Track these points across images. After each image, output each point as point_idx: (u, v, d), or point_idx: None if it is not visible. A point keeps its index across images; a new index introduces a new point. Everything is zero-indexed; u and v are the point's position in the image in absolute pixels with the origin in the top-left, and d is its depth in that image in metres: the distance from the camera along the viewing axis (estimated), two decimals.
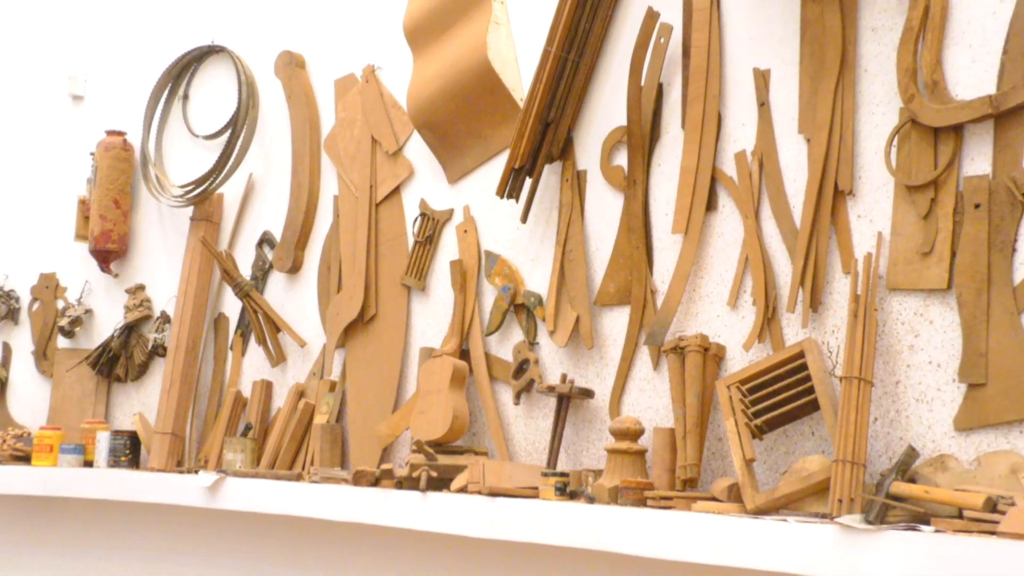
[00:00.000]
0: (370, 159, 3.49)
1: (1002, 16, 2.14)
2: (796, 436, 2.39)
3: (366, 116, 3.52)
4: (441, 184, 3.31)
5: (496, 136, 3.13)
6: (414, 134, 3.37)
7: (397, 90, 3.45)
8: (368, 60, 3.56)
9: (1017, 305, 2.07)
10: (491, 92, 3.09)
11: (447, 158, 3.28)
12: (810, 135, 2.42)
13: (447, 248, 3.27)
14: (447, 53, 3.20)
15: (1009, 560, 1.71)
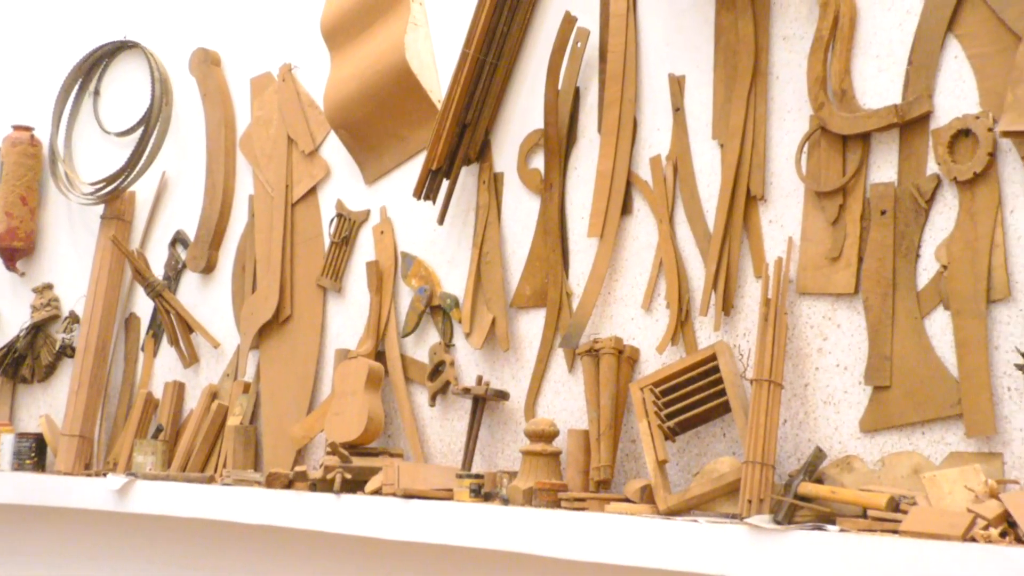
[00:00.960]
0: (286, 159, 3.46)
1: (907, 28, 2.19)
2: (708, 438, 2.42)
3: (282, 115, 3.49)
4: (358, 185, 3.30)
5: (413, 137, 3.13)
6: (331, 134, 3.35)
7: (314, 89, 3.43)
8: (285, 59, 3.53)
9: (921, 309, 2.12)
10: (409, 93, 3.08)
11: (364, 159, 3.26)
12: (723, 141, 2.46)
13: (363, 249, 3.25)
14: (365, 53, 3.19)
15: (910, 558, 1.75)
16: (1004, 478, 1.94)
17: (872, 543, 1.81)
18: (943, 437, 2.06)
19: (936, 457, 2.06)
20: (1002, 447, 1.98)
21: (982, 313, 2.02)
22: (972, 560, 1.68)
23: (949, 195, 2.10)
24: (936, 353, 2.09)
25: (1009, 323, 2.00)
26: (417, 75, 3.06)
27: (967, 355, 2.03)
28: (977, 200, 2.05)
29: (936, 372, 2.07)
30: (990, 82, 2.06)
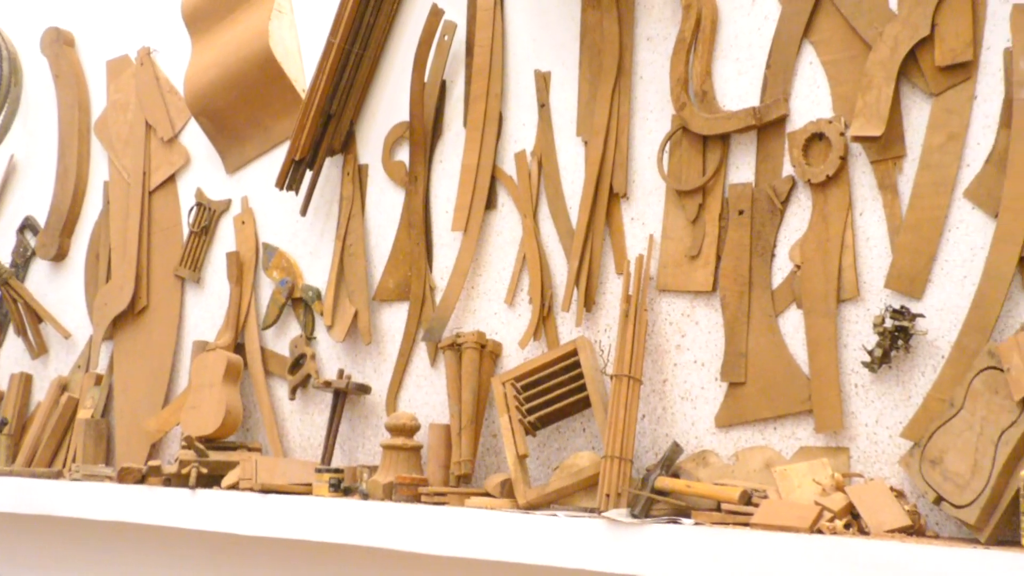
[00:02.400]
0: (144, 145, 3.36)
1: (766, 32, 2.25)
2: (568, 433, 2.44)
3: (140, 100, 3.39)
4: (219, 173, 3.22)
5: (277, 127, 3.07)
6: (191, 121, 3.27)
7: (174, 75, 3.34)
8: (143, 42, 3.43)
9: (775, 308, 2.17)
10: (272, 82, 3.03)
11: (225, 147, 3.19)
12: (587, 138, 2.48)
13: (224, 239, 3.18)
14: (227, 39, 3.11)
15: (760, 550, 1.79)
16: (850, 472, 2.01)
17: (724, 536, 1.85)
18: (794, 432, 2.12)
19: (787, 451, 2.12)
20: (849, 442, 2.04)
21: (832, 312, 2.08)
22: (818, 551, 1.73)
23: (803, 197, 2.16)
24: (789, 351, 2.14)
25: (857, 322, 2.06)
26: (281, 63, 3.01)
27: (817, 353, 2.09)
28: (829, 202, 2.11)
29: (788, 369, 2.13)
30: (843, 87, 2.12)
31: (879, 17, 2.08)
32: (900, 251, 2.02)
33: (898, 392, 2.00)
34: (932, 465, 1.85)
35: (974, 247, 1.94)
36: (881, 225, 2.06)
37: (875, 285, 2.05)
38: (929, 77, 2.02)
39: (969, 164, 1.97)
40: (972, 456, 1.78)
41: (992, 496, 1.74)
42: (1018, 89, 1.89)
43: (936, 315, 1.97)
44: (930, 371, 1.96)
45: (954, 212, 1.97)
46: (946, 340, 1.95)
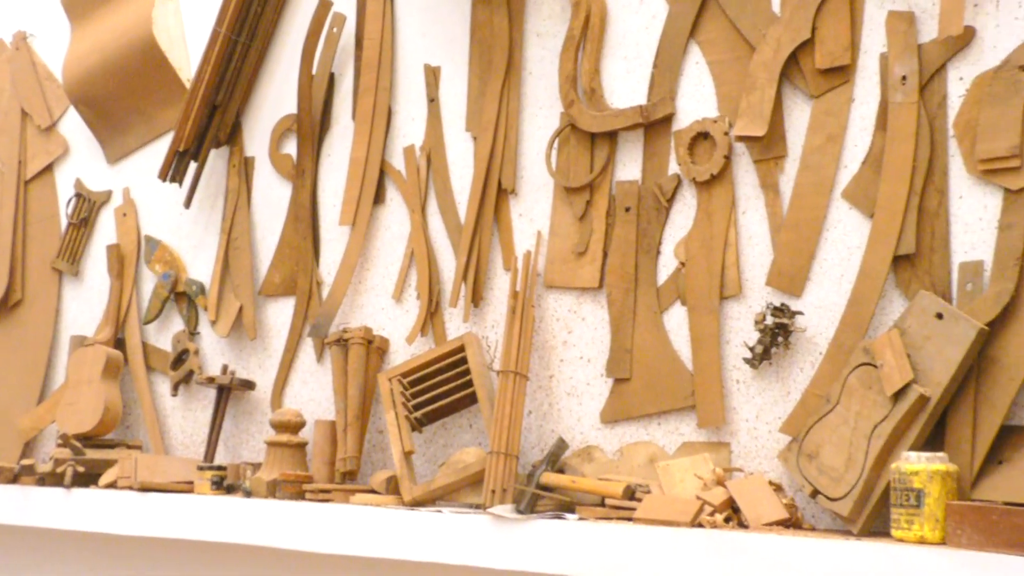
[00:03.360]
0: (19, 133, 3.26)
1: (654, 31, 2.27)
2: (455, 429, 2.43)
3: (15, 86, 3.28)
4: (99, 164, 3.14)
5: (160, 116, 3.00)
6: (70, 109, 3.18)
7: (52, 61, 3.24)
8: (19, 26, 3.32)
9: (660, 304, 2.19)
10: (156, 70, 2.96)
11: (106, 136, 3.11)
12: (477, 133, 2.47)
13: (104, 231, 3.10)
14: (109, 25, 3.03)
15: (643, 544, 1.81)
16: (730, 466, 2.04)
17: (608, 531, 1.86)
18: (677, 428, 2.14)
19: (670, 447, 2.14)
20: (730, 437, 2.08)
21: (715, 309, 2.11)
22: (698, 544, 1.76)
23: (688, 195, 2.19)
24: (673, 347, 2.17)
25: (739, 319, 2.10)
26: (165, 52, 2.94)
27: (701, 349, 2.11)
28: (713, 200, 2.14)
29: (672, 365, 2.16)
30: (727, 88, 2.16)
31: (763, 19, 2.11)
32: (781, 249, 2.05)
33: (778, 388, 2.04)
34: (809, 459, 1.88)
35: (851, 246, 1.99)
36: (763, 224, 2.10)
37: (757, 283, 2.09)
38: (810, 79, 2.06)
39: (847, 165, 2.01)
40: (847, 450, 1.83)
41: (865, 489, 1.79)
42: (893, 93, 1.94)
43: (814, 312, 2.01)
44: (808, 367, 2.00)
45: (832, 212, 2.02)
46: (824, 337, 1.99)
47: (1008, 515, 1.49)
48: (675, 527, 1.82)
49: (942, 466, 1.66)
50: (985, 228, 1.85)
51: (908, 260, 1.91)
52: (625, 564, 1.83)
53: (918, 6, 1.96)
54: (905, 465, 1.68)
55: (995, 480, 1.74)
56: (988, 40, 1.88)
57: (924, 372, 1.78)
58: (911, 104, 1.92)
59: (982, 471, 1.76)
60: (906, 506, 1.66)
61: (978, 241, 1.85)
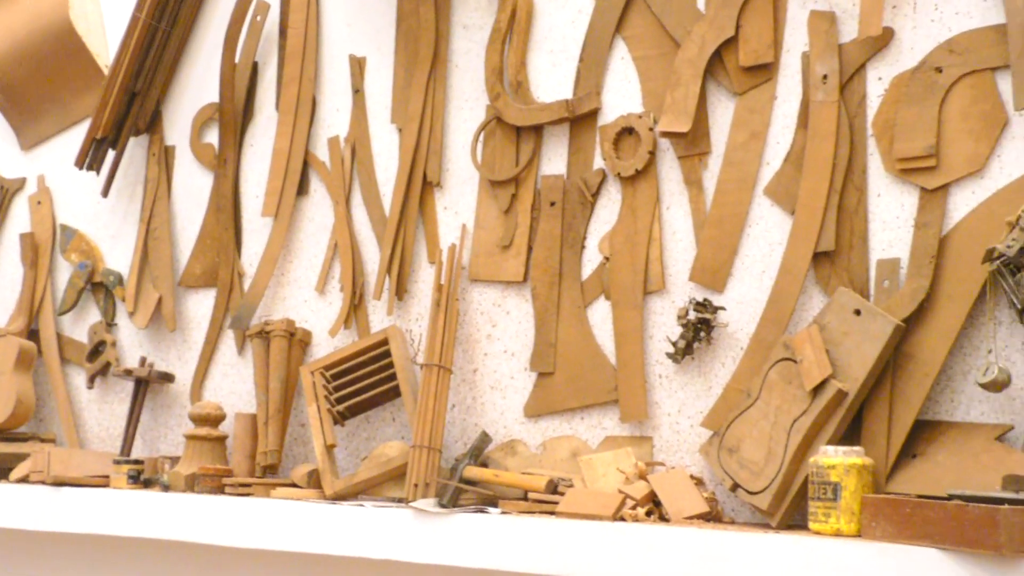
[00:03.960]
0: None
1: (580, 26, 2.27)
2: (378, 422, 2.42)
3: None
4: (13, 150, 3.06)
5: (77, 103, 2.94)
6: None
7: None
8: None
9: (584, 299, 2.20)
10: (73, 55, 2.89)
11: (20, 122, 3.03)
12: (402, 125, 2.46)
13: (17, 219, 3.02)
14: (23, 8, 2.95)
15: (565, 538, 1.82)
16: (652, 460, 2.05)
17: (530, 524, 1.86)
18: (600, 422, 2.15)
19: (593, 441, 2.15)
20: (652, 431, 2.09)
21: (639, 304, 2.12)
22: (620, 538, 1.77)
23: (613, 190, 2.20)
24: (596, 341, 2.17)
25: (663, 314, 2.11)
26: (83, 36, 2.87)
27: (624, 344, 2.13)
28: (638, 196, 2.15)
29: (596, 360, 2.16)
30: (652, 83, 2.17)
31: (688, 16, 2.13)
32: (704, 245, 2.07)
33: (700, 383, 2.05)
34: (729, 453, 1.90)
35: (772, 243, 2.01)
36: (687, 219, 2.11)
37: (680, 278, 2.10)
38: (733, 77, 2.08)
39: (769, 162, 2.03)
40: (766, 444, 1.85)
41: (784, 483, 1.81)
42: (814, 92, 1.97)
43: (736, 308, 2.03)
44: (730, 362, 2.03)
45: (754, 208, 2.04)
46: (745, 332, 2.01)
47: (920, 508, 1.52)
48: (597, 521, 1.83)
49: (858, 460, 1.69)
50: (902, 226, 1.88)
51: (828, 257, 1.94)
52: (547, 558, 1.83)
53: (839, 6, 1.99)
54: (823, 459, 1.70)
55: (909, 473, 1.78)
56: (906, 41, 1.92)
57: (842, 367, 1.81)
58: (832, 103, 1.95)
59: (897, 464, 1.79)
60: (823, 499, 1.68)
61: (895, 239, 1.89)
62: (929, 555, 1.50)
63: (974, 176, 1.82)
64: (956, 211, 1.83)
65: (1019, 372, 1.74)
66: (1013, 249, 1.68)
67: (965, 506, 1.47)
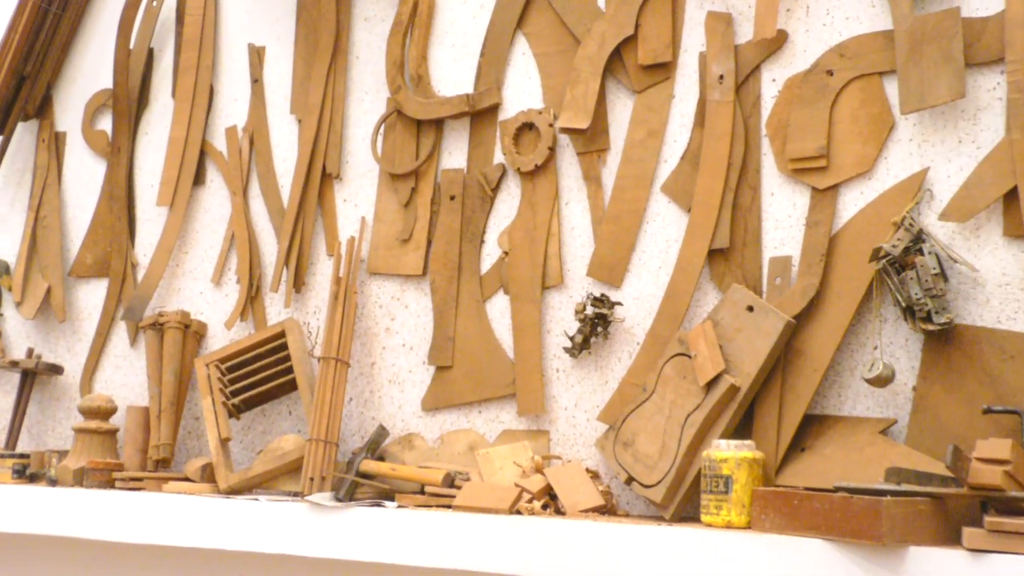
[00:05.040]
0: None
1: (481, 21, 2.27)
2: (274, 415, 2.39)
3: None
4: None
5: None
6: None
7: None
8: None
9: (483, 293, 2.21)
10: None
11: None
12: (302, 116, 2.43)
13: None
14: None
15: (462, 531, 1.82)
16: (549, 454, 2.07)
17: (427, 518, 1.86)
18: (498, 415, 2.16)
19: (491, 435, 2.16)
20: (549, 425, 2.11)
21: (537, 298, 2.13)
22: (516, 531, 1.78)
23: (513, 185, 2.21)
24: (495, 335, 2.18)
25: (560, 308, 2.13)
26: None
27: (522, 338, 2.14)
28: (537, 191, 2.16)
29: (494, 354, 2.17)
30: (553, 80, 2.18)
31: (588, 14, 2.15)
32: (602, 241, 2.09)
33: (596, 377, 2.07)
34: (625, 447, 1.93)
35: (669, 239, 2.04)
36: (585, 215, 2.13)
37: (578, 273, 2.12)
38: (632, 75, 2.10)
39: (666, 160, 2.06)
40: (661, 438, 1.88)
41: (677, 476, 1.84)
42: (711, 91, 2.00)
43: (633, 303, 2.06)
44: (626, 357, 2.05)
45: (652, 205, 2.07)
46: (641, 328, 2.04)
47: (807, 500, 1.56)
48: (493, 514, 1.84)
49: (749, 453, 1.72)
50: (794, 225, 1.93)
51: (722, 254, 1.98)
52: (443, 551, 1.83)
53: (735, 8, 2.02)
54: (715, 452, 1.74)
55: (798, 467, 1.82)
56: (799, 44, 1.96)
57: (735, 363, 1.84)
58: (727, 103, 1.99)
59: (786, 458, 1.84)
60: (715, 492, 1.71)
61: (787, 237, 1.93)
62: (815, 546, 1.54)
63: (862, 177, 1.87)
64: (845, 211, 1.88)
65: (902, 368, 1.80)
66: (898, 249, 1.74)
67: (849, 498, 1.51)
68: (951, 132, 1.80)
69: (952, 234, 1.78)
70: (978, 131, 1.78)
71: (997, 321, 1.73)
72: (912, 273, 1.73)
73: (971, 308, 1.75)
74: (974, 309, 1.75)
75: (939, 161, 1.81)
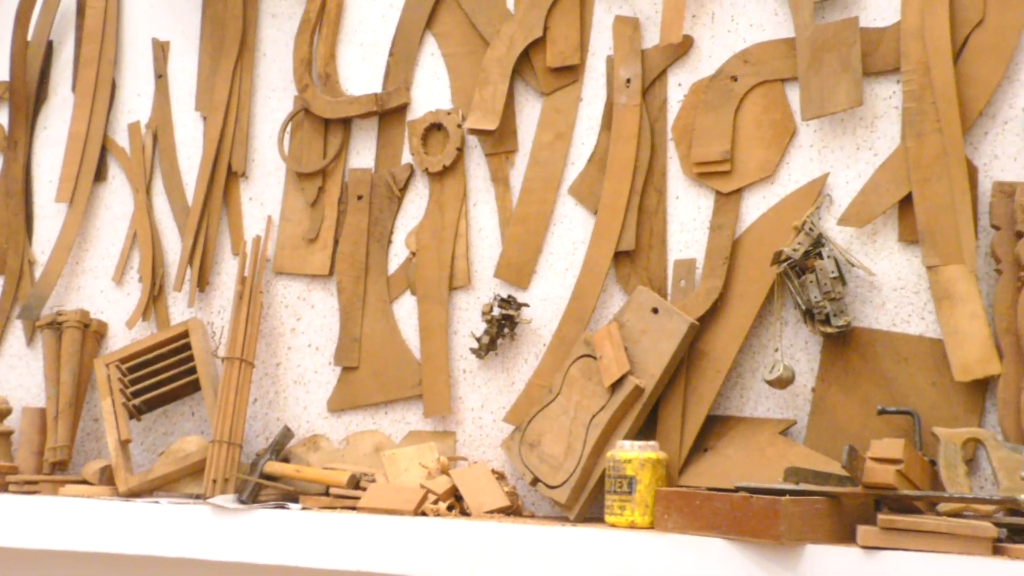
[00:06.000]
0: None
1: (391, 20, 2.26)
2: (176, 416, 2.35)
3: None
4: None
5: None
6: None
7: None
8: None
9: (390, 294, 2.20)
10: None
11: None
12: (207, 113, 2.40)
13: None
14: None
15: (366, 533, 1.81)
16: (455, 455, 2.07)
17: (331, 520, 1.85)
18: (404, 416, 2.15)
19: (397, 435, 2.15)
20: (455, 426, 2.11)
21: (444, 299, 2.13)
22: (421, 532, 1.77)
23: (421, 185, 2.20)
24: (402, 336, 2.17)
25: (467, 309, 2.13)
26: None
27: (429, 339, 2.13)
28: (445, 192, 2.16)
29: (401, 354, 2.16)
30: (461, 81, 2.18)
31: (497, 15, 2.15)
32: (509, 242, 2.10)
33: (503, 378, 2.08)
34: (531, 448, 1.94)
35: (575, 241, 2.05)
36: (493, 217, 2.13)
37: (485, 274, 2.12)
38: (541, 77, 2.11)
39: (574, 162, 2.08)
40: (566, 439, 1.89)
41: (582, 477, 1.85)
42: (618, 95, 2.02)
43: (540, 305, 2.07)
44: (533, 358, 2.06)
45: (559, 207, 2.08)
46: (548, 329, 2.05)
47: (709, 499, 1.58)
48: (399, 516, 1.84)
49: (653, 454, 1.74)
50: (698, 228, 1.95)
51: (628, 256, 1.99)
52: (348, 553, 1.82)
53: (643, 13, 2.04)
54: (619, 453, 1.75)
55: (700, 467, 1.85)
56: (705, 50, 1.99)
57: (640, 364, 1.86)
58: (634, 106, 2.01)
59: (689, 458, 1.86)
60: (619, 493, 1.73)
61: (692, 240, 1.96)
62: (716, 545, 1.56)
63: (765, 182, 1.91)
64: (748, 215, 1.91)
65: (802, 370, 1.83)
66: (799, 252, 1.77)
67: (749, 498, 1.53)
68: (850, 139, 1.85)
69: (850, 239, 1.82)
70: (875, 138, 1.83)
71: (892, 324, 1.77)
72: (812, 276, 1.76)
73: (868, 311, 1.79)
74: (870, 312, 1.79)
75: (838, 167, 1.85)
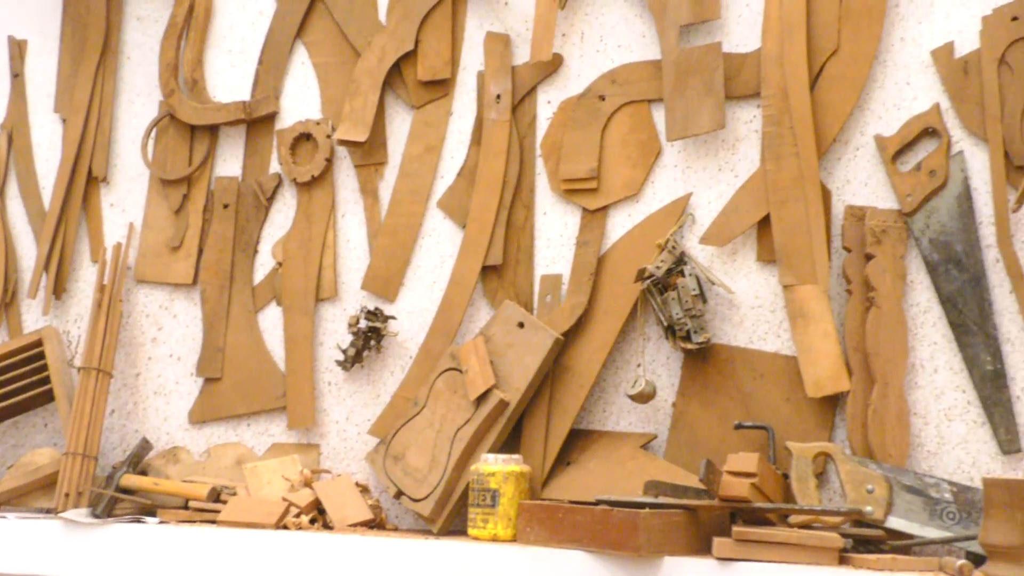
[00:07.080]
0: None
1: (260, 28, 2.24)
2: (27, 428, 2.28)
3: None
4: None
5: None
6: None
7: None
8: None
9: (255, 304, 2.17)
10: None
11: None
12: (67, 115, 2.33)
13: None
14: None
15: (226, 547, 1.78)
16: (319, 468, 2.05)
17: (189, 534, 1.81)
18: (267, 428, 2.12)
19: (260, 448, 2.12)
20: (320, 438, 2.09)
21: (311, 310, 2.11)
22: (283, 546, 1.75)
23: (289, 195, 2.18)
24: (266, 347, 2.15)
25: (334, 321, 2.11)
26: None
27: (294, 350, 2.11)
28: (313, 202, 2.15)
29: (265, 366, 2.14)
30: (332, 91, 2.17)
31: (369, 26, 2.14)
32: (378, 254, 2.09)
33: (368, 391, 2.07)
34: (395, 461, 1.93)
35: (444, 255, 2.06)
36: (361, 228, 2.13)
37: (353, 286, 2.11)
38: (411, 90, 2.11)
39: (443, 176, 2.08)
40: (431, 452, 1.89)
41: (446, 490, 1.86)
42: (488, 110, 2.04)
43: (407, 317, 2.06)
44: (399, 371, 2.05)
45: (428, 220, 2.08)
46: (414, 342, 2.05)
47: (571, 513, 1.60)
48: (260, 529, 1.81)
49: (516, 467, 1.76)
50: (565, 244, 1.98)
51: (495, 270, 2.01)
52: (206, 568, 1.79)
53: (513, 30, 2.06)
54: (483, 466, 1.76)
55: (563, 480, 1.87)
56: (574, 68, 2.02)
57: (505, 378, 1.87)
58: (504, 122, 2.03)
59: (552, 471, 1.88)
60: (482, 506, 1.74)
61: (558, 256, 1.98)
62: (577, 557, 1.58)
63: (630, 200, 1.94)
64: (614, 232, 1.95)
65: (663, 385, 1.87)
66: (661, 270, 1.81)
67: (610, 511, 1.56)
68: (712, 160, 1.90)
69: (711, 257, 1.87)
70: (736, 160, 1.88)
71: (749, 341, 1.83)
72: (674, 294, 1.80)
73: (727, 328, 1.84)
74: (729, 329, 1.84)
75: (701, 187, 1.90)
